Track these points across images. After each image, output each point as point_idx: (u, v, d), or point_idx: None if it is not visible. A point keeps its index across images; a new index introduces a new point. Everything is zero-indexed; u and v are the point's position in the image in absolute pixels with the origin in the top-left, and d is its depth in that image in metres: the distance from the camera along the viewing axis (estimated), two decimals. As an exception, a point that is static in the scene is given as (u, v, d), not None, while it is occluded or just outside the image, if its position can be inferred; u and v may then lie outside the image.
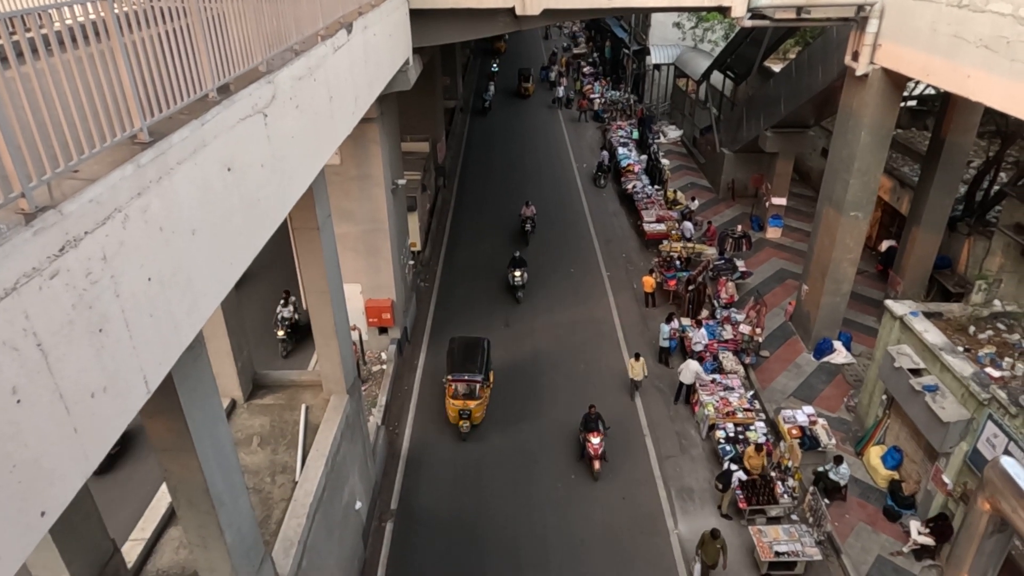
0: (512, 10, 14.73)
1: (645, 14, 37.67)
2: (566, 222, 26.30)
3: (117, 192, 3.92)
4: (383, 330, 18.06)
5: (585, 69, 46.63)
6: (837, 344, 17.79)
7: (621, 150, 31.01)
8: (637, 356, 16.71)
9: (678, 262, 21.31)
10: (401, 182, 17.70)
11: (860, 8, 14.46)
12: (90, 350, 3.65)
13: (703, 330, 17.75)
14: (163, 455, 6.48)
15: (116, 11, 4.02)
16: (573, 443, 15.51)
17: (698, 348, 17.46)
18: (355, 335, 16.55)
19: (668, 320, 17.95)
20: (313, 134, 8.02)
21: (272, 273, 20.35)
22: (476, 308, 20.64)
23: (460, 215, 27.07)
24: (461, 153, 33.66)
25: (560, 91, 41.05)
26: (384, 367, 17.61)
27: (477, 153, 33.28)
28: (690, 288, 19.66)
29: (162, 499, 9.84)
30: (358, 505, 12.43)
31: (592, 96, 40.23)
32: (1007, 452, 10.70)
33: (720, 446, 14.70)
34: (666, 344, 17.83)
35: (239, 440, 11.31)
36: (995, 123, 18.71)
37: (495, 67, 45.10)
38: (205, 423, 6.51)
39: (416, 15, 14.53)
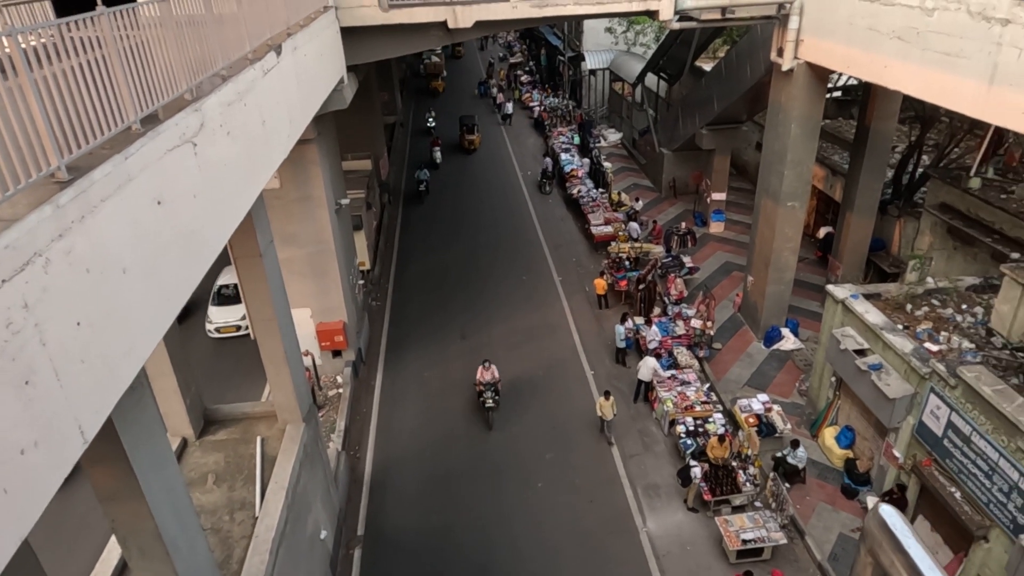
0: (444, 23, 14.74)
1: (577, 21, 38.23)
2: (515, 230, 26.39)
3: (35, 235, 3.73)
4: (337, 353, 17.73)
5: (523, 78, 47.03)
6: (785, 331, 18.30)
7: (564, 156, 31.33)
8: (607, 394, 15.51)
9: (627, 262, 21.61)
10: (344, 201, 17.46)
11: (781, 6, 15.01)
12: (16, 404, 3.44)
13: (655, 328, 18.03)
14: (109, 504, 6.18)
15: (23, 45, 3.83)
16: (537, 452, 15.50)
17: (652, 346, 17.71)
18: (308, 361, 16.20)
19: (622, 320, 18.15)
20: (248, 160, 7.83)
21: (217, 303, 19.77)
22: (430, 322, 20.48)
23: (408, 230, 26.87)
24: (405, 168, 33.49)
25: (509, 107, 40.21)
26: (340, 391, 17.27)
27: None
28: (641, 287, 19.95)
29: (113, 550, 9.39)
30: (323, 534, 12.12)
31: (532, 104, 40.56)
32: (949, 422, 11.19)
33: (681, 440, 14.91)
34: (622, 344, 18.02)
35: (193, 480, 10.89)
36: (914, 109, 19.63)
37: (431, 120, 37.68)
38: (153, 466, 6.24)
39: (348, 33, 14.39)
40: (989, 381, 10.64)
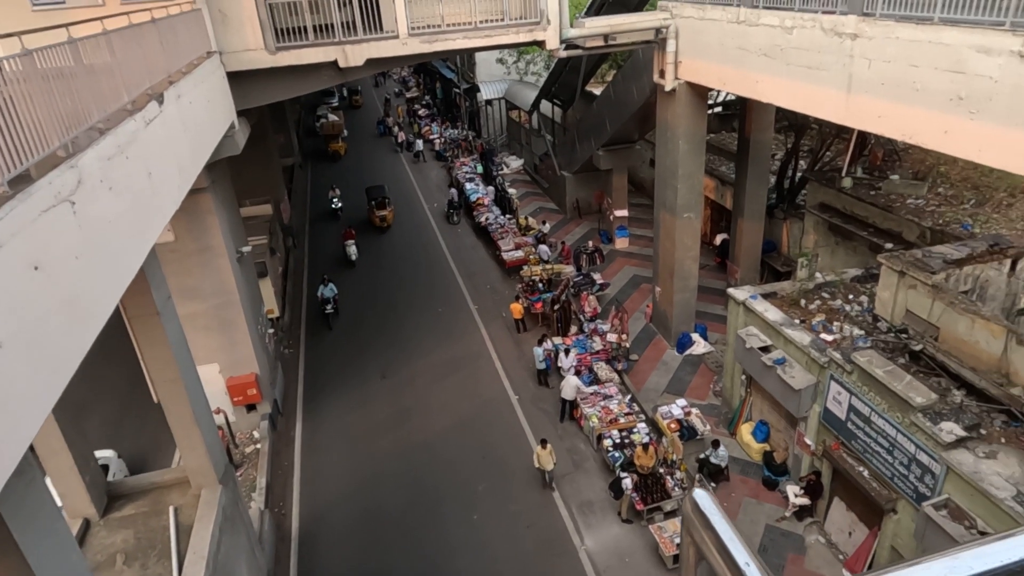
0: (335, 63, 14.65)
1: (469, 54, 38.98)
2: (428, 262, 26.29)
3: None
4: (251, 407, 16.93)
5: (421, 112, 47.31)
6: (695, 336, 19.07)
7: (468, 185, 31.63)
8: (544, 443, 14.72)
9: (540, 284, 21.95)
10: (246, 249, 16.85)
11: (658, 31, 15.89)
12: None
13: (572, 352, 18.10)
14: (1, 604, 5.58)
15: None
16: (470, 483, 15.31)
17: (567, 365, 17.79)
18: (220, 418, 15.38)
19: (540, 342, 18.36)
20: (135, 215, 7.43)
21: (116, 360, 18.47)
22: (349, 364, 19.95)
23: (316, 273, 26.19)
24: (307, 210, 32.77)
25: (419, 144, 39.66)
26: (258, 446, 16.47)
27: (324, 206, 32.10)
28: (556, 308, 20.29)
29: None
30: (251, 602, 11.43)
31: (431, 137, 40.81)
32: (851, 406, 11.96)
33: (609, 454, 15.15)
34: (543, 366, 18.20)
35: (99, 564, 10.02)
36: (787, 119, 21.19)
37: (336, 200, 31.14)
38: (51, 553, 5.70)
39: (235, 77, 14.03)
40: (880, 363, 11.49)
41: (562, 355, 17.86)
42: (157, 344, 9.53)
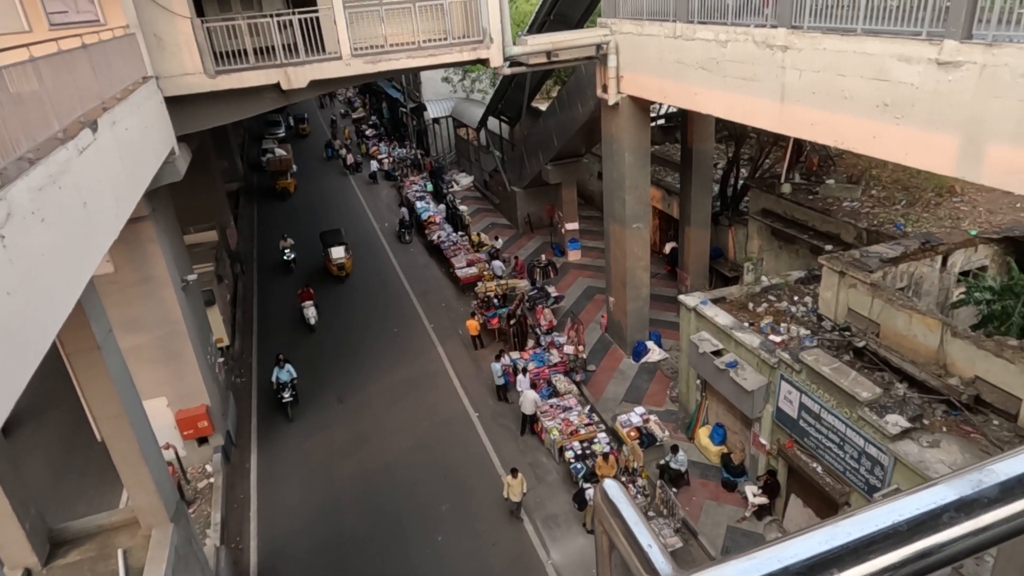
0: (278, 85, 14.47)
1: (414, 73, 39.03)
2: (380, 282, 26.02)
3: None
4: (203, 440, 16.37)
5: (368, 132, 47.06)
6: (650, 344, 19.36)
7: (419, 204, 31.55)
8: (514, 472, 14.22)
9: (495, 300, 21.97)
10: (192, 277, 16.38)
11: (599, 47, 16.24)
12: None
13: (527, 376, 17.93)
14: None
15: None
16: (434, 504, 15.12)
17: (523, 388, 17.49)
18: (169, 454, 14.83)
19: (498, 358, 18.35)
20: (70, 247, 7.16)
21: (56, 398, 17.65)
22: (304, 390, 19.50)
23: (267, 298, 25.63)
24: (255, 233, 31.96)
25: (373, 165, 39.11)
26: (211, 480, 15.93)
27: (274, 232, 30.78)
28: (512, 322, 20.33)
29: None
30: (209, 643, 10.99)
31: (380, 157, 40.62)
32: (801, 404, 12.31)
33: (572, 466, 15.19)
34: (501, 381, 18.17)
35: (43, 615, 9.51)
36: (727, 129, 21.87)
37: (288, 250, 27.13)
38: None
39: (174, 102, 13.70)
40: (826, 361, 11.87)
41: (520, 377, 17.62)
42: (99, 380, 9.16)
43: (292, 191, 37.05)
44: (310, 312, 22.79)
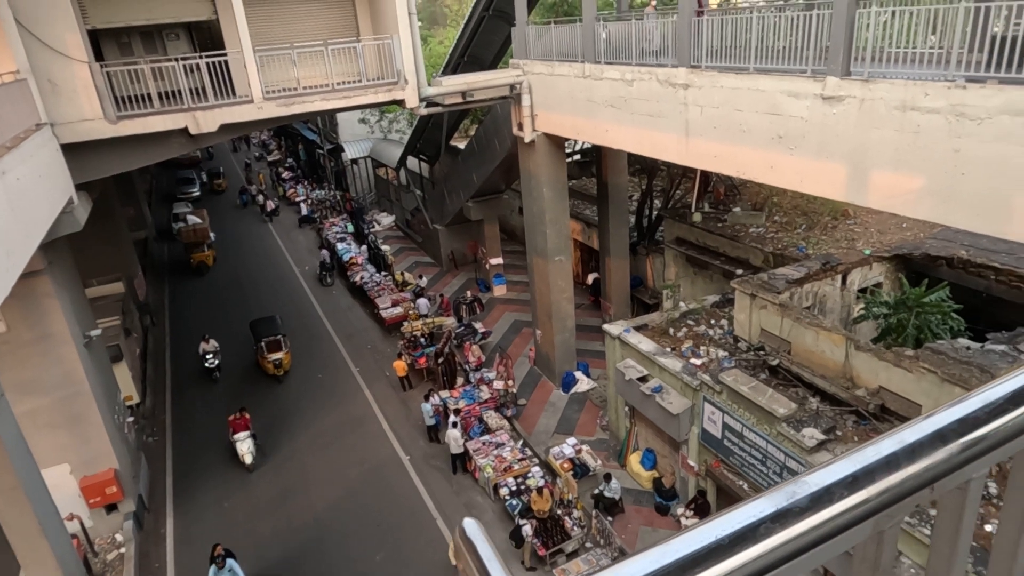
0: (186, 130, 14.04)
1: (330, 115, 38.79)
2: (302, 328, 25.24)
3: None
4: (112, 507, 15.22)
5: (284, 175, 46.17)
6: (578, 374, 19.60)
7: (340, 245, 31.05)
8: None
9: (422, 339, 21.74)
10: (95, 333, 15.41)
11: (512, 87, 16.67)
12: None
13: (457, 427, 17.53)
14: None
15: None
16: (367, 555, 14.56)
17: (453, 441, 17.18)
18: (74, 525, 13.70)
19: (427, 398, 18.09)
20: (-46, 306, 6.61)
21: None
22: (223, 445, 18.50)
23: (181, 349, 24.36)
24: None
25: (304, 209, 38.04)
26: (122, 551, 14.78)
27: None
28: (440, 361, 20.14)
29: None
30: None
31: (298, 199, 39.89)
32: (724, 423, 12.72)
33: (507, 503, 15.03)
34: (432, 422, 17.88)
35: None
36: (639, 162, 22.78)
37: (211, 356, 21.69)
38: None
39: (72, 149, 13.03)
40: (744, 380, 12.35)
41: (450, 428, 17.29)
42: (-11, 450, 8.41)
43: (211, 264, 31.42)
44: (245, 447, 17.31)
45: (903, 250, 15.49)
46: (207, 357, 21.74)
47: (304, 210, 38.23)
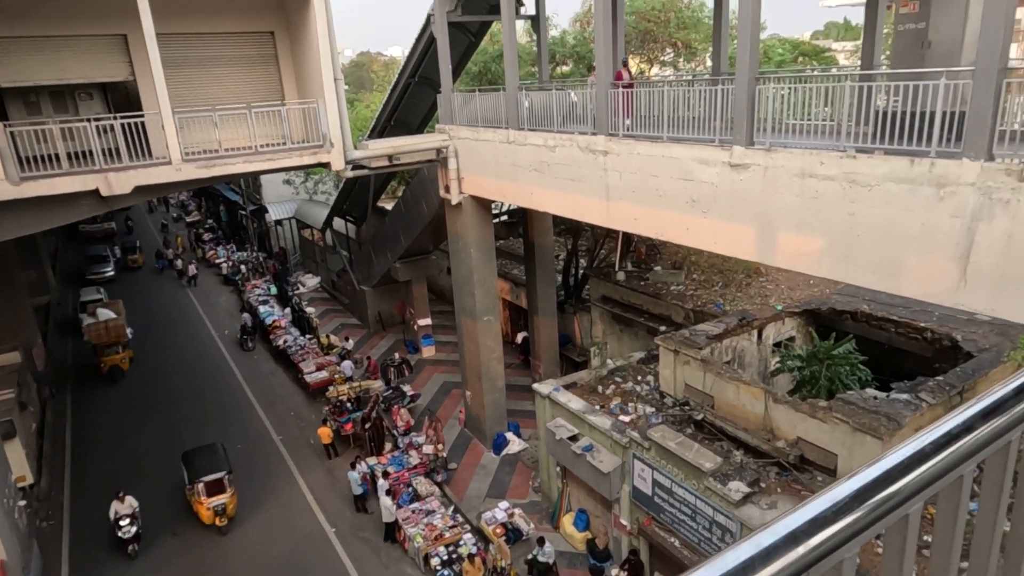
0: (97, 192, 13.46)
1: (254, 176, 38.20)
2: (220, 396, 24.02)
3: None
4: (-5, 605, 13.65)
5: (205, 236, 44.77)
6: (509, 435, 19.41)
7: (263, 308, 30.08)
8: None
9: (349, 404, 21.09)
10: (-15, 408, 14.15)
11: (439, 151, 16.97)
12: None
13: (385, 483, 17.04)
14: None
15: None
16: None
17: (382, 495, 16.70)
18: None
19: (353, 466, 17.43)
20: None
21: None
22: (128, 528, 17.03)
23: (83, 423, 22.63)
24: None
25: (224, 270, 36.57)
26: (6, 654, 13.19)
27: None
28: (367, 426, 19.54)
29: None
30: None
31: (218, 261, 38.64)
32: (654, 480, 12.80)
33: (438, 573, 14.47)
34: (359, 491, 17.17)
35: None
36: (564, 223, 23.43)
37: (128, 523, 15.85)
38: None
39: (-34, 212, 12.25)
40: (671, 436, 12.56)
41: (380, 482, 16.78)
42: None
43: (126, 368, 25.55)
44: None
45: (811, 305, 16.39)
46: (121, 524, 15.78)
47: (225, 272, 36.92)
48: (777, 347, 15.63)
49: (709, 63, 21.15)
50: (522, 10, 18.21)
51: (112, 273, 36.96)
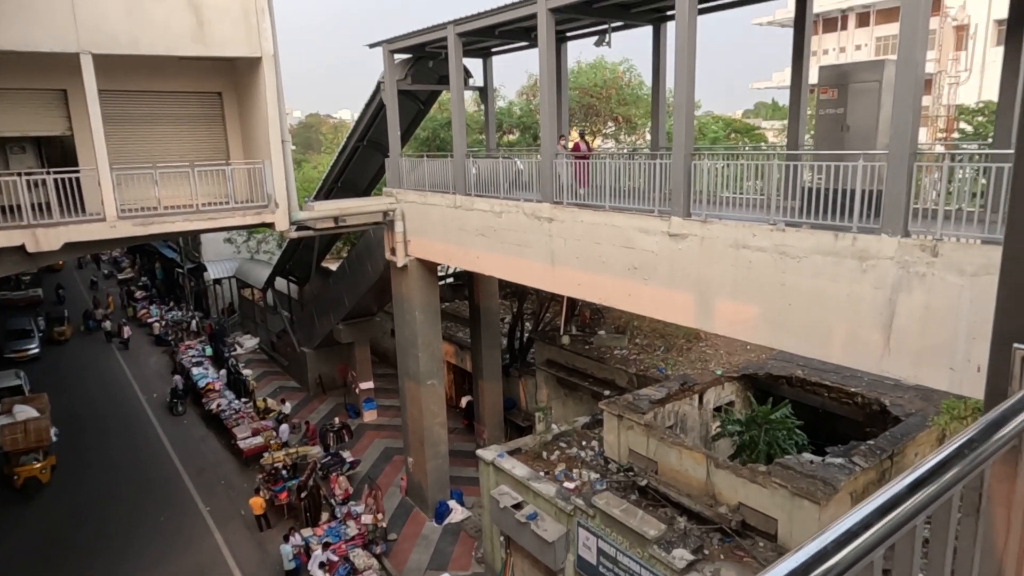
0: (23, 248, 12.88)
1: (193, 234, 37.33)
2: (144, 465, 22.60)
3: None
4: None
5: (137, 294, 43.09)
6: (452, 503, 18.86)
7: (196, 370, 28.85)
8: None
9: (284, 472, 20.17)
10: None
11: (386, 214, 17.04)
12: None
13: (322, 555, 16.27)
14: None
15: None
16: None
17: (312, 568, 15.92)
18: None
19: (287, 538, 16.54)
20: None
21: None
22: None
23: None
24: None
25: (156, 330, 35.09)
26: None
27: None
28: (303, 495, 18.66)
29: None
30: None
31: (150, 320, 37.12)
32: (599, 549, 12.59)
33: (374, 655, 13.66)
34: (291, 565, 16.23)
35: None
36: (510, 287, 23.62)
37: None
38: None
39: None
40: (615, 503, 12.45)
41: (316, 552, 16.00)
42: None
43: (46, 480, 20.93)
44: None
45: (749, 370, 16.84)
46: None
47: (157, 332, 35.38)
48: (718, 411, 15.90)
49: (648, 137, 22.21)
50: (471, 81, 18.83)
51: (37, 350, 32.00)
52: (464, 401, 24.48)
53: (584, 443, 15.83)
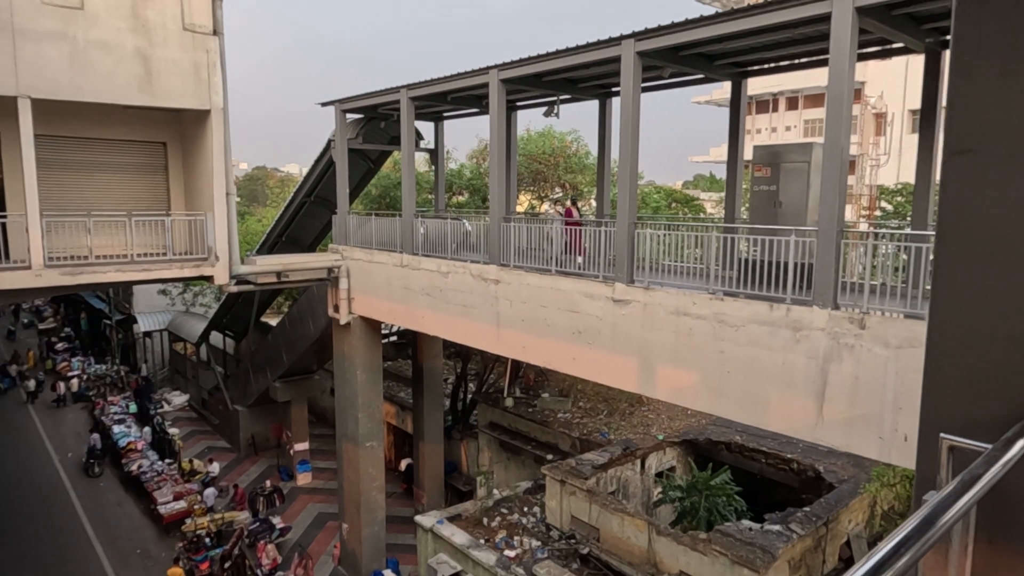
0: (-66, 295, 12.10)
1: (125, 285, 35.84)
2: (50, 532, 20.85)
3: None
4: None
5: (58, 346, 40.71)
6: (387, 573, 18.00)
7: (117, 428, 27.14)
8: None
9: (208, 539, 18.94)
10: None
11: (330, 271, 16.81)
12: None
13: None
14: None
15: None
16: None
17: None
18: None
19: (207, 613, 15.39)
20: None
21: None
22: None
23: None
24: None
25: (76, 385, 32.85)
26: None
27: None
28: (227, 565, 17.51)
29: None
30: None
31: (70, 374, 34.99)
32: (539, 622, 12.18)
33: None
34: (209, 644, 15.09)
35: None
36: (454, 347, 23.43)
37: None
38: None
39: None
40: (557, 573, 12.16)
41: None
42: None
43: None
44: None
45: (690, 435, 17.01)
46: None
47: (76, 387, 33.28)
48: (659, 477, 15.91)
49: (594, 203, 22.86)
50: (422, 143, 19.13)
51: None
52: (404, 464, 23.76)
53: (526, 509, 15.52)
